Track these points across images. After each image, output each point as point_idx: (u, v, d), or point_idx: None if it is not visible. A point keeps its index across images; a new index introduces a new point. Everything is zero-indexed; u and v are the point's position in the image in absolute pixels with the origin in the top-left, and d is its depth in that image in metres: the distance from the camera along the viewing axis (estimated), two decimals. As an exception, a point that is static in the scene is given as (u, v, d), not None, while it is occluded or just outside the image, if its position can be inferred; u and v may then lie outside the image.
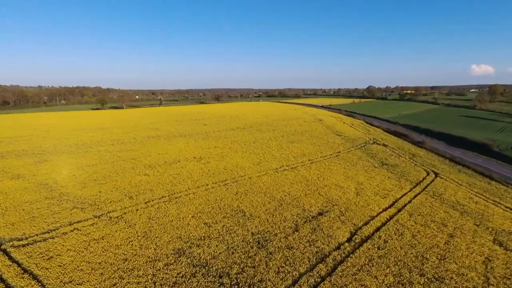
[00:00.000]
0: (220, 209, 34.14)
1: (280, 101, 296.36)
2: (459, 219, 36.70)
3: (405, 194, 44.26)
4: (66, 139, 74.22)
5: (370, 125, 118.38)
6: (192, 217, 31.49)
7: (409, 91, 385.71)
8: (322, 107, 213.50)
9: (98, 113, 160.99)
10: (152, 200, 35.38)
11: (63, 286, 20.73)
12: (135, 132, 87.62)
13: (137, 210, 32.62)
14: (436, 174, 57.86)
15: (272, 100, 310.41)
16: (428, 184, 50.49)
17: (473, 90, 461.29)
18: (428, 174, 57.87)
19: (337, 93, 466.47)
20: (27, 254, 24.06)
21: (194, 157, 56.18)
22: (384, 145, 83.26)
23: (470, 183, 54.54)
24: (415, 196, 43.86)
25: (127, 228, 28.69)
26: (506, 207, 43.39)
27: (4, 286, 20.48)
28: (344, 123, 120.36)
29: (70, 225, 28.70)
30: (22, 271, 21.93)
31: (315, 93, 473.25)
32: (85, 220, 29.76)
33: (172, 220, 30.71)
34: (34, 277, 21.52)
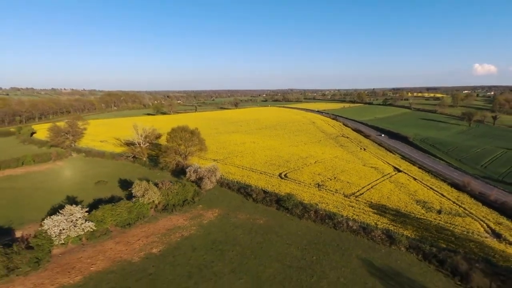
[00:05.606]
0: (272, 156, 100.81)
1: (284, 106, 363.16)
2: (355, 160, 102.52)
3: (341, 154, 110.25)
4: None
5: (345, 126, 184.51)
6: (264, 156, 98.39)
7: (403, 93, 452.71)
8: (318, 111, 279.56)
9: (164, 118, 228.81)
10: (248, 153, 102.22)
11: (245, 168, 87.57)
12: (207, 130, 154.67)
13: (247, 155, 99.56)
14: (365, 149, 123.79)
15: (278, 105, 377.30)
16: (356, 152, 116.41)
17: (466, 91, 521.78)
18: (360, 149, 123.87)
19: (333, 97, 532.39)
20: (221, 162, 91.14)
21: (251, 142, 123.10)
22: (347, 137, 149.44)
23: (377, 152, 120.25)
24: (346, 155, 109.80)
25: (247, 158, 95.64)
26: (382, 159, 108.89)
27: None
28: (328, 124, 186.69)
29: (227, 158, 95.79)
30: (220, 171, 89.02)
31: (314, 98, 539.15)
32: (231, 156, 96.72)
33: (259, 157, 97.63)
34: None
